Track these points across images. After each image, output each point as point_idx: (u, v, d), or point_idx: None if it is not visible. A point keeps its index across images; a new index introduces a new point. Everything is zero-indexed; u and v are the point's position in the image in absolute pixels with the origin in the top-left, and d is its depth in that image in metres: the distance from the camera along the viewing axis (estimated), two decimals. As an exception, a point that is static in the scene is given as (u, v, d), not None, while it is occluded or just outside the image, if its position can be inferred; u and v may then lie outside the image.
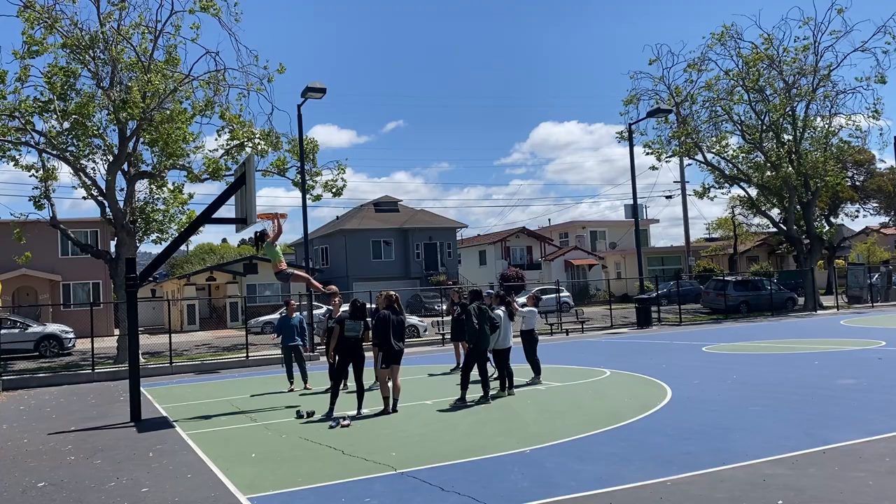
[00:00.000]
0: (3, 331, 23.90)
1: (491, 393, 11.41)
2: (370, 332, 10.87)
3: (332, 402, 10.63)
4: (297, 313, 15.04)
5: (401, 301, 11.14)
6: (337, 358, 10.87)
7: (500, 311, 11.93)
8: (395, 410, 10.57)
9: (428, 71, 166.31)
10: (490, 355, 11.89)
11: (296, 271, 12.35)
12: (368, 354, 10.89)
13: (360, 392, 10.70)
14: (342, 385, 11.09)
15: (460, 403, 10.94)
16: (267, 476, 7.25)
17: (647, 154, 35.79)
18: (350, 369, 10.82)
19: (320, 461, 7.82)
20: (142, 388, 12.35)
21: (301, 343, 14.42)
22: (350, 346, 10.64)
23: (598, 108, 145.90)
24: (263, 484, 6.90)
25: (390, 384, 10.66)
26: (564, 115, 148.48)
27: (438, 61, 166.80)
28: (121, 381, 17.10)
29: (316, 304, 24.88)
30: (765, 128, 34.72)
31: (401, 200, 55.88)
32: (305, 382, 14.04)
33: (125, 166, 23.15)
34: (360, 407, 10.58)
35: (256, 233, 12.26)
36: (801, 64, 33.91)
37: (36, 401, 14.99)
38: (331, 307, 13.58)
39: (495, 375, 12.12)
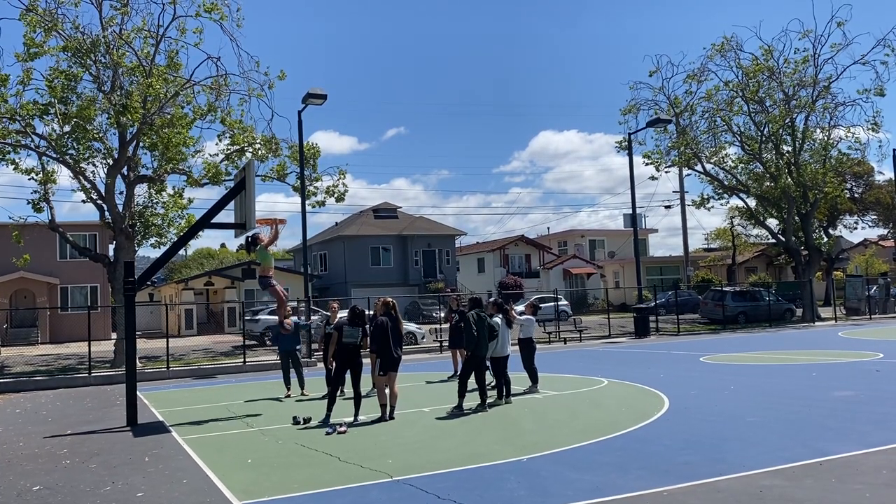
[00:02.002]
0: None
1: (488, 401, 11.40)
2: (368, 338, 10.86)
3: (329, 409, 10.60)
4: (294, 318, 15.01)
5: (398, 308, 11.14)
6: (334, 364, 10.86)
7: (498, 319, 11.93)
8: (392, 418, 10.56)
9: (429, 78, 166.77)
10: (488, 363, 11.88)
11: (278, 286, 12.29)
12: (366, 361, 10.88)
13: (358, 399, 10.68)
14: (339, 391, 11.08)
15: (457, 411, 10.92)
16: (263, 482, 7.23)
17: (647, 164, 35.92)
18: (347, 376, 10.82)
19: (316, 467, 7.80)
20: (138, 393, 12.33)
21: (297, 347, 14.44)
22: (348, 352, 10.63)
23: (599, 118, 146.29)
24: (259, 490, 6.88)
25: (388, 391, 10.65)
26: (564, 125, 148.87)
27: (439, 69, 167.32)
28: (117, 385, 17.06)
29: (314, 308, 24.86)
30: (764, 139, 34.82)
31: (400, 207, 55.87)
32: (302, 388, 14.01)
33: (125, 170, 23.17)
34: (356, 413, 10.56)
35: (248, 236, 12.25)
36: (800, 76, 34.08)
37: (32, 404, 14.96)
38: (328, 313, 13.60)
39: (493, 384, 12.10)
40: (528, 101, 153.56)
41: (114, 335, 26.28)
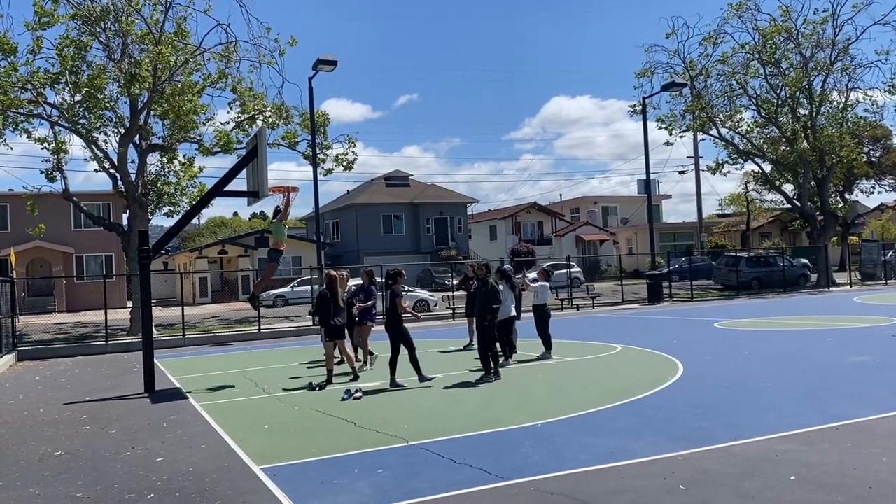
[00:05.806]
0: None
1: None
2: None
3: (354, 375, 11.08)
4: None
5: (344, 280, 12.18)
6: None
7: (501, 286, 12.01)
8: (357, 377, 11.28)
9: (441, 45, 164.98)
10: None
11: (274, 267, 12.99)
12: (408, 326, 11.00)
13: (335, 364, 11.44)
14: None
15: (495, 377, 10.81)
16: (280, 447, 7.31)
17: (661, 129, 35.51)
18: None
19: (332, 433, 7.87)
20: (155, 360, 12.45)
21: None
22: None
23: (613, 84, 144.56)
24: (276, 454, 6.96)
25: (341, 356, 11.54)
26: (577, 90, 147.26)
27: (451, 35, 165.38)
28: (134, 353, 17.23)
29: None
30: (780, 102, 34.27)
31: (412, 175, 55.61)
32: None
33: (136, 139, 23.15)
34: (328, 378, 11.17)
35: (278, 206, 12.81)
36: (819, 37, 33.36)
37: (51, 371, 15.17)
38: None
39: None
40: (540, 68, 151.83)
41: (129, 303, 26.54)
